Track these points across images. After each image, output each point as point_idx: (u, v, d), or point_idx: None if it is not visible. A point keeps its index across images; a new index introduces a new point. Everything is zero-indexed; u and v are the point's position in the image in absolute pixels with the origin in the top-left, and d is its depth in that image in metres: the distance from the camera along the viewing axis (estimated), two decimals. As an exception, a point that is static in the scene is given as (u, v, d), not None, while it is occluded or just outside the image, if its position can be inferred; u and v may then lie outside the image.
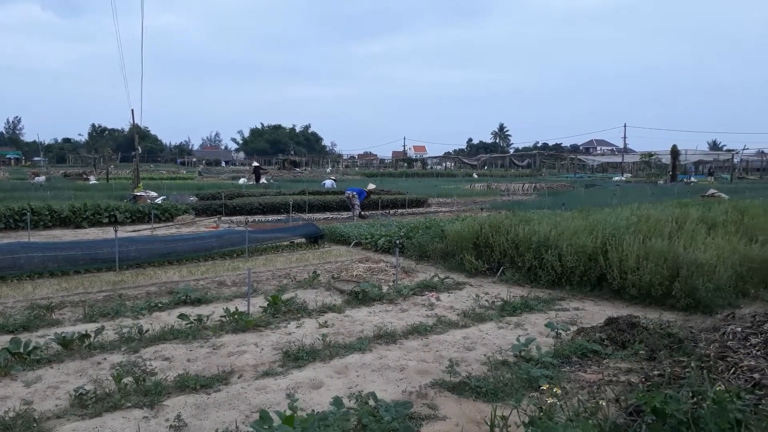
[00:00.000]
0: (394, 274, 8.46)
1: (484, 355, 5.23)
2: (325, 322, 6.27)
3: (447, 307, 7.02)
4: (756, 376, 4.42)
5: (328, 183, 29.83)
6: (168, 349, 5.38)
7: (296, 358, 5.09)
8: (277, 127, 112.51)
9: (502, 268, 8.82)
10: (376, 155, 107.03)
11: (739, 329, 5.31)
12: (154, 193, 21.00)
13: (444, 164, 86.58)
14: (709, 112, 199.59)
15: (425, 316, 6.63)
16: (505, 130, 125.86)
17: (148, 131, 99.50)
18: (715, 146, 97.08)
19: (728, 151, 68.79)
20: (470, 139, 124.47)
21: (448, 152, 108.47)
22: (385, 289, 7.69)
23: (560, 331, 5.72)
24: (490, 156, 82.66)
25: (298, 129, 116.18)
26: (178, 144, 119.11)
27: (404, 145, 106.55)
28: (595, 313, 6.79)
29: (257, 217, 17.34)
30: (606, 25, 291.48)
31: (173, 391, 4.39)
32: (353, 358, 5.15)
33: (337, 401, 3.60)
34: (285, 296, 6.98)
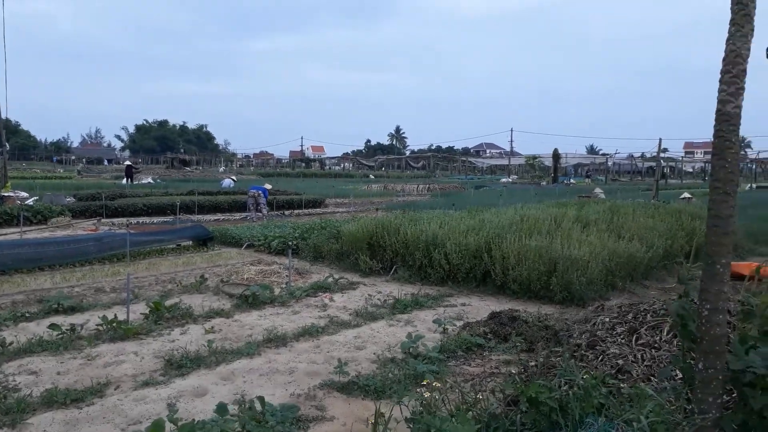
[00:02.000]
0: (287, 276, 8.33)
1: (374, 353, 5.29)
2: (212, 327, 6.05)
3: (340, 308, 7.02)
4: (620, 362, 4.81)
5: (227, 182, 28.86)
6: (35, 362, 4.94)
7: (179, 365, 4.86)
8: (164, 124, 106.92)
9: (395, 267, 8.97)
10: (272, 155, 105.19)
11: (607, 319, 5.75)
12: (24, 194, 19.29)
13: (342, 165, 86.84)
14: (588, 119, 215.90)
15: (318, 317, 6.58)
16: (401, 132, 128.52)
17: (19, 126, 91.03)
18: (592, 150, 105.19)
19: (603, 155, 74.84)
20: (368, 141, 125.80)
21: (347, 153, 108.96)
22: (277, 291, 7.55)
23: (447, 326, 5.92)
24: (387, 157, 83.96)
25: (191, 127, 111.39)
26: (54, 141, 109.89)
27: (302, 145, 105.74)
28: (480, 308, 7.08)
29: (141, 219, 16.42)
30: (494, 32, 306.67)
31: (39, 407, 4.04)
32: (241, 364, 5.01)
33: (220, 408, 3.46)
34: (169, 302, 6.64)
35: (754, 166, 57.51)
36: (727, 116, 2.48)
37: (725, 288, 2.53)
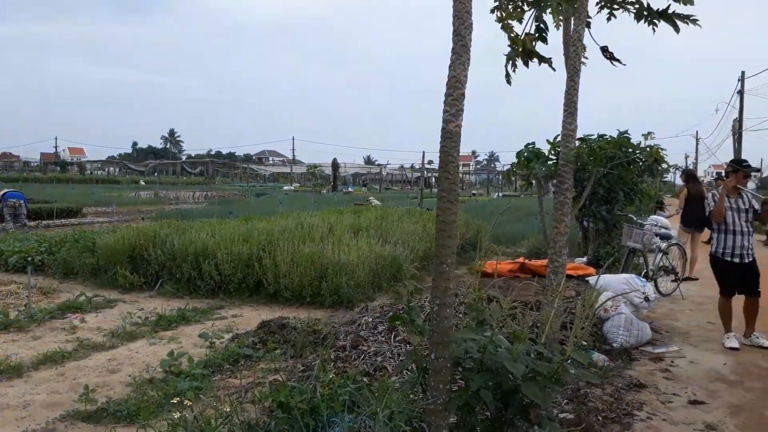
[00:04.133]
0: (27, 296, 7.24)
1: (130, 375, 4.86)
2: None
3: (93, 329, 6.33)
4: (379, 359, 5.17)
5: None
6: None
7: None
8: None
9: (161, 281, 8.40)
10: (18, 156, 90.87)
11: (371, 319, 6.13)
12: None
13: (107, 169, 78.71)
14: (365, 131, 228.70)
15: (65, 341, 5.84)
16: (176, 135, 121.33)
17: None
18: (369, 161, 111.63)
19: (378, 165, 79.97)
20: (135, 143, 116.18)
21: (113, 156, 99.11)
22: (13, 315, 6.53)
23: (214, 340, 5.71)
24: (159, 162, 78.45)
25: None
26: None
27: (56, 146, 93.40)
28: (252, 318, 6.98)
29: None
30: (278, 40, 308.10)
31: None
32: (-44, 405, 4.20)
33: None
34: None
35: (500, 177, 66.67)
36: (450, 134, 2.81)
37: (451, 285, 2.86)
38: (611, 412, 4.16)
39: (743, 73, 34.53)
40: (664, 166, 11.01)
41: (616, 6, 5.75)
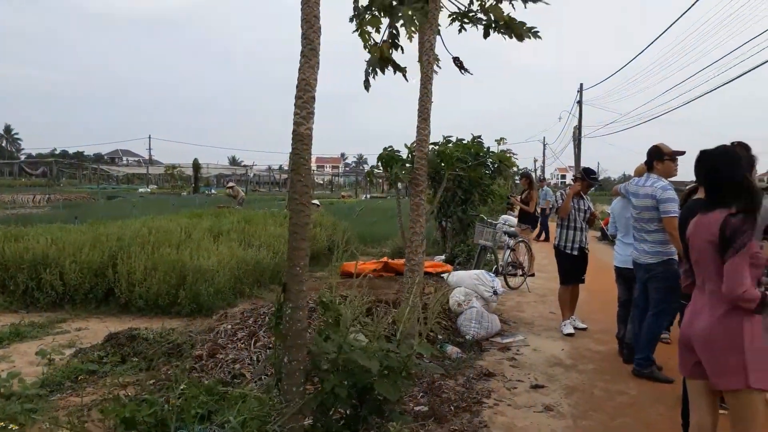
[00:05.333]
0: None
1: (-53, 404, 4.28)
2: None
3: None
4: (237, 366, 5.04)
5: None
6: None
7: None
8: None
9: (-10, 294, 7.49)
10: None
11: (230, 327, 5.94)
12: None
13: (-74, 170, 68.56)
14: (230, 131, 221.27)
15: None
16: (13, 133, 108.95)
17: None
18: (234, 161, 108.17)
19: (245, 166, 77.82)
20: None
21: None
22: None
23: (54, 357, 5.21)
24: (-7, 162, 69.92)
25: None
26: None
27: None
28: (99, 330, 6.46)
29: None
30: (135, 33, 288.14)
31: None
32: None
33: None
34: None
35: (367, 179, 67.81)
36: (301, 137, 2.83)
37: (304, 287, 2.86)
38: (462, 402, 4.42)
39: (582, 84, 38.44)
40: (514, 169, 11.95)
41: (466, 20, 6.12)
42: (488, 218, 9.82)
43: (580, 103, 38.40)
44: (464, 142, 9.75)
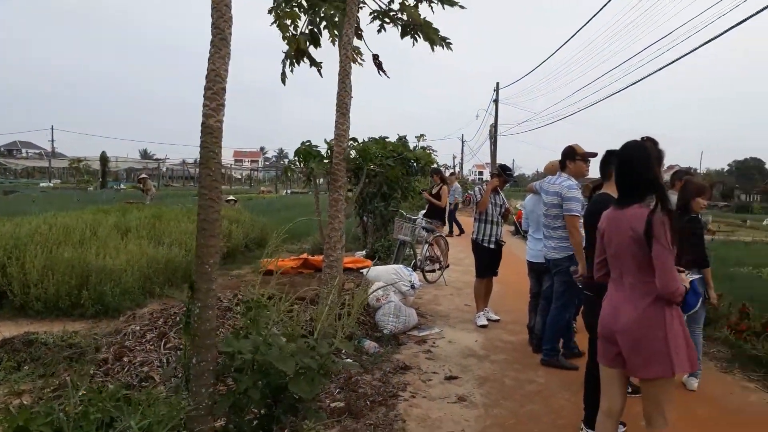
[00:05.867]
0: None
1: None
2: None
3: None
4: (146, 369, 4.81)
5: None
6: None
7: None
8: None
9: None
10: None
11: (138, 328, 5.65)
12: None
13: None
14: (142, 123, 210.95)
15: None
16: None
17: None
18: (146, 155, 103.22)
19: (157, 159, 74.48)
20: None
21: None
22: None
23: (-64, 367, 4.76)
24: None
25: None
26: None
27: None
28: (-9, 336, 5.97)
29: None
30: (41, 18, 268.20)
31: None
32: None
33: None
34: None
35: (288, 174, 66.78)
36: (211, 129, 2.72)
37: (213, 286, 2.77)
38: (379, 396, 4.45)
39: (498, 84, 39.75)
40: (434, 166, 12.17)
41: (387, 20, 6.15)
42: (407, 214, 9.94)
43: (496, 101, 39.70)
44: (387, 139, 9.83)
